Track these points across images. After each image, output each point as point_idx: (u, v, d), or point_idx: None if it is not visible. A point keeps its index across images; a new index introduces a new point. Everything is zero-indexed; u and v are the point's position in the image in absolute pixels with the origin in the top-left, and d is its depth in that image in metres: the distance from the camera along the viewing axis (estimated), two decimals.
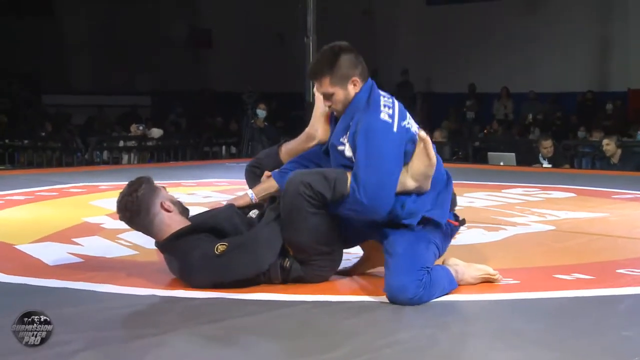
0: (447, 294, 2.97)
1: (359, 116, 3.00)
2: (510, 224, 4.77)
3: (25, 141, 12.45)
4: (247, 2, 17.31)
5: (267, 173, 3.31)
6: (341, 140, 3.05)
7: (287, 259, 3.03)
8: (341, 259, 3.20)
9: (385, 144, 2.92)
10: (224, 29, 18.12)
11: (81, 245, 4.01)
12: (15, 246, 3.96)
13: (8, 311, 2.61)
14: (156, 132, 12.58)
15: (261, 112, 11.34)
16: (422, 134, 3.00)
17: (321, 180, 2.91)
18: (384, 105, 3.01)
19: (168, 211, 3.07)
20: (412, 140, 3.01)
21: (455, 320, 2.77)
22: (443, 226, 3.06)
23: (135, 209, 3.07)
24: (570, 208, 5.49)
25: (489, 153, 10.50)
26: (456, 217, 3.18)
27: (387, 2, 17.01)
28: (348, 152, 3.02)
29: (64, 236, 4.25)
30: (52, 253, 3.75)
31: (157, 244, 3.15)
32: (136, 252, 3.80)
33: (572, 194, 6.41)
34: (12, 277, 3.27)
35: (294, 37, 11.90)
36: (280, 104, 15.40)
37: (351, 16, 16.98)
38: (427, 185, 3.01)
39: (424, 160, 2.97)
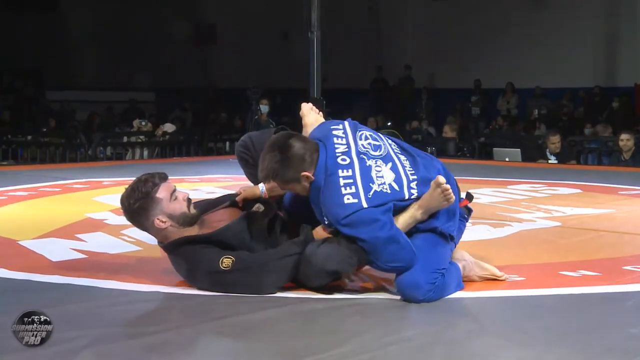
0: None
1: (323, 203, 2.83)
2: (516, 220, 4.75)
3: (29, 137, 12.46)
4: None
5: None
6: (324, 219, 2.90)
7: None
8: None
9: (367, 228, 2.75)
10: (228, 25, 18.10)
11: (84, 241, 4.00)
12: (19, 242, 3.95)
13: (11, 308, 2.60)
14: (169, 127, 12.69)
15: (264, 107, 11.34)
16: (440, 179, 2.86)
17: (347, 260, 2.81)
18: (344, 185, 2.78)
19: (160, 228, 3.00)
20: (390, 201, 2.82)
21: (461, 317, 2.76)
22: (455, 239, 3.04)
23: (127, 217, 3.06)
24: (577, 204, 5.46)
25: (494, 149, 10.47)
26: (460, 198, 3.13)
27: None
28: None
29: (67, 232, 4.24)
30: (56, 249, 3.74)
31: (160, 244, 3.11)
32: (140, 248, 3.78)
33: (578, 190, 6.38)
34: (15, 273, 3.26)
35: (298, 32, 11.86)
36: (285, 100, 15.38)
37: (356, 11, 16.94)
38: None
39: (441, 201, 2.88)
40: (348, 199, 2.77)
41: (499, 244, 4.05)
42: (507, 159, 9.76)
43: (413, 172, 2.95)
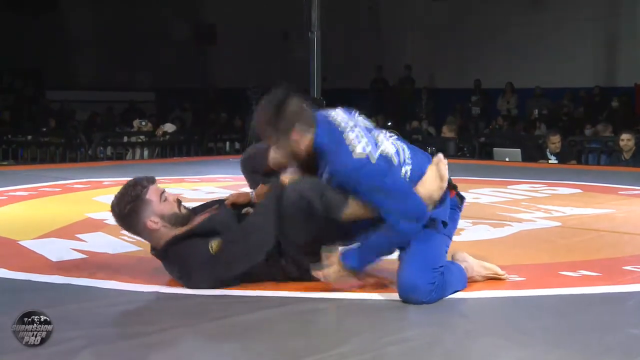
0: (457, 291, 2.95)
1: (332, 162, 2.87)
2: (516, 220, 4.74)
3: (29, 137, 12.47)
4: None
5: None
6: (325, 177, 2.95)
7: (282, 259, 3.00)
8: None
9: (375, 179, 2.81)
10: (228, 25, 18.10)
11: (85, 241, 4.00)
12: (19, 242, 3.95)
13: (11, 308, 2.60)
14: (169, 127, 12.71)
15: None
16: (440, 156, 2.93)
17: (317, 188, 2.87)
18: (351, 142, 2.85)
19: (152, 229, 3.00)
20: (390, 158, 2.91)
21: (461, 317, 2.76)
22: (448, 225, 3.04)
23: (119, 222, 3.07)
24: (577, 204, 5.46)
25: (494, 149, 10.47)
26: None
27: None
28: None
29: (67, 232, 4.24)
30: (56, 249, 3.74)
31: (153, 251, 3.11)
32: (140, 248, 3.77)
33: (579, 190, 6.38)
34: (15, 273, 3.26)
35: (298, 32, 11.86)
36: None
37: (356, 11, 16.94)
38: (431, 206, 2.94)
39: (435, 182, 2.91)
40: (359, 154, 2.82)
41: (499, 244, 4.05)
42: (507, 159, 9.76)
43: (410, 158, 2.98)
